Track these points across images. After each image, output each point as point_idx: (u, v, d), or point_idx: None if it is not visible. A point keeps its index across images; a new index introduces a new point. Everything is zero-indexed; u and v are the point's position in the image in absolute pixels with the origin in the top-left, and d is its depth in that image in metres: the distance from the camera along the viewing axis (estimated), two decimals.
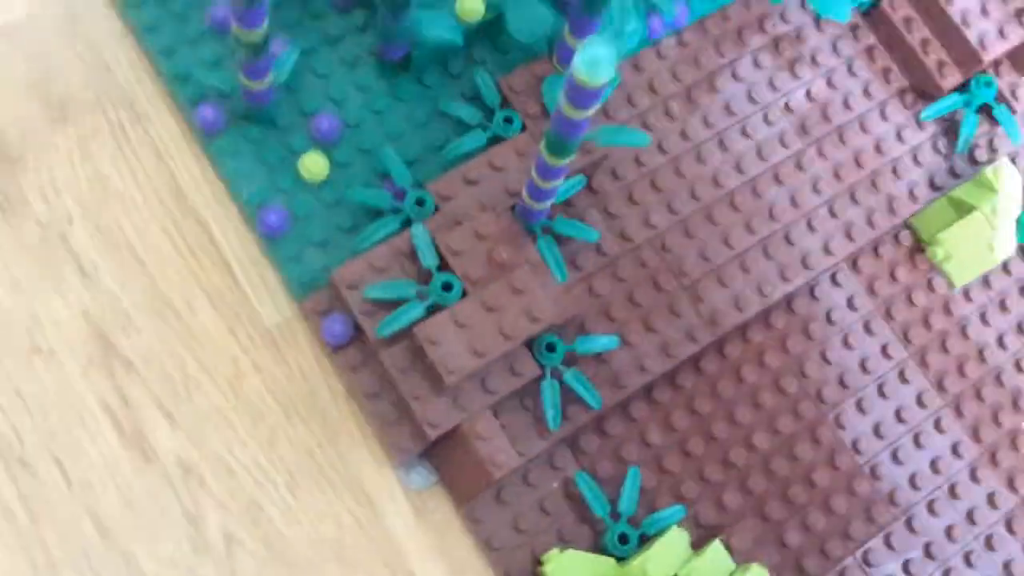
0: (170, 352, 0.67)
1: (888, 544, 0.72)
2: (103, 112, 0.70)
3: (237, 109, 0.69)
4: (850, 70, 0.80)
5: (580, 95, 0.52)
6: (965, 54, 0.78)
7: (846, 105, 0.79)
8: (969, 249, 0.77)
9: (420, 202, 0.68)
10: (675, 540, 0.66)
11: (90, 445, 0.64)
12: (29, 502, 0.62)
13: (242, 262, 0.70)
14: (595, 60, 0.49)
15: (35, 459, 0.63)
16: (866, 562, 0.71)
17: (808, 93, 0.78)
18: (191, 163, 0.71)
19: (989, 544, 0.73)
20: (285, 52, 0.70)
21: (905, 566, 0.71)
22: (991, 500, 0.74)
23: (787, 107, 0.78)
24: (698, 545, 0.68)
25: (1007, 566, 0.73)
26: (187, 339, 0.67)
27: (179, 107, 0.71)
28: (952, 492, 0.73)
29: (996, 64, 0.81)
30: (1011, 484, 0.75)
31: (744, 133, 0.77)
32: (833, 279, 0.77)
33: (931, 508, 0.73)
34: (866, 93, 0.80)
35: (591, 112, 0.54)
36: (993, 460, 0.75)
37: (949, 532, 0.72)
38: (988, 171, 0.76)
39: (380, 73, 0.72)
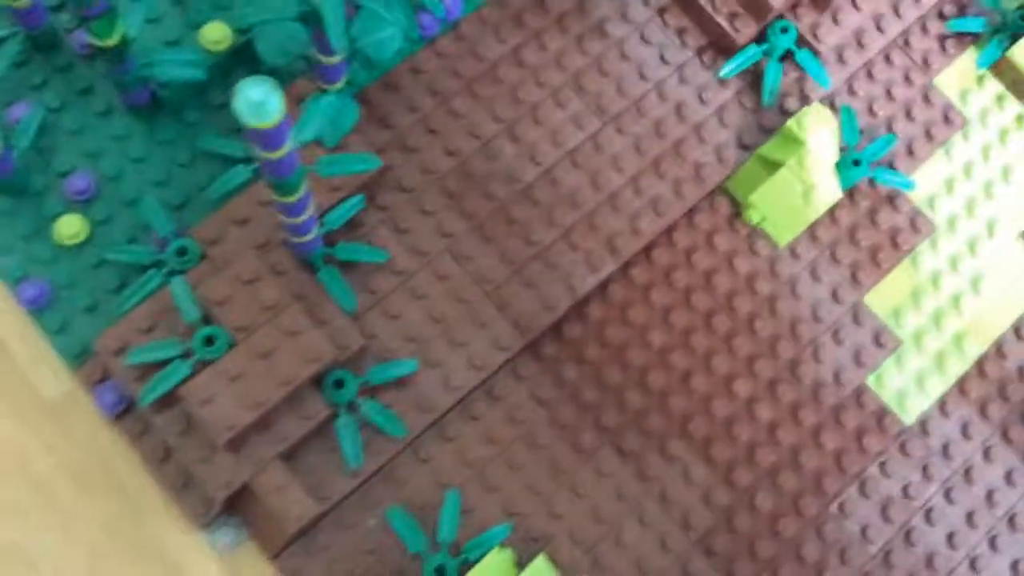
0: None
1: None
2: None
3: None
4: (643, 37, 0.76)
5: (259, 138, 0.49)
6: (756, 2, 0.74)
7: (641, 75, 0.75)
8: (784, 206, 0.73)
9: (182, 251, 0.65)
10: (496, 563, 0.64)
11: None
12: None
13: (17, 339, 0.66)
14: (253, 103, 0.46)
15: None
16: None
17: (600, 68, 0.75)
18: None
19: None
20: (27, 115, 0.66)
21: None
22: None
23: (579, 86, 0.74)
24: (529, 560, 0.66)
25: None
26: None
27: None
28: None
29: (794, 7, 0.77)
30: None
31: (536, 121, 0.73)
32: (648, 257, 0.73)
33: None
34: (662, 59, 0.76)
35: (285, 151, 0.51)
36: (838, 420, 0.72)
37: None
38: (792, 122, 0.72)
39: (137, 118, 0.69)
